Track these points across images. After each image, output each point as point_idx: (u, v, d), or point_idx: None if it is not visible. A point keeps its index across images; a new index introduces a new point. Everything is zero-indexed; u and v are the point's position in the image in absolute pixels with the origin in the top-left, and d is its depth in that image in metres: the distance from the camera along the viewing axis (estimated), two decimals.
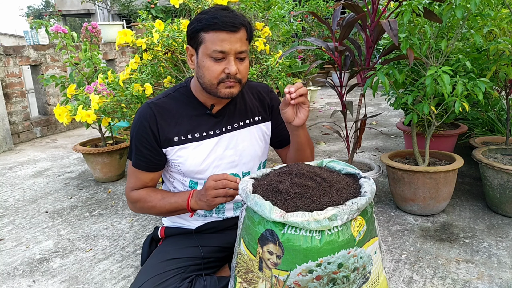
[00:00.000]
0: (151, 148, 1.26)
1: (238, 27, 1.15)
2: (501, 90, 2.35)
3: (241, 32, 1.17)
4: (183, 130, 1.27)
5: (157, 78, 2.28)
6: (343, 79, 2.07)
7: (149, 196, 1.29)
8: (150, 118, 1.25)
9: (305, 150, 1.35)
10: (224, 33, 1.14)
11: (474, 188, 2.42)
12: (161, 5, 8.16)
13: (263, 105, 1.42)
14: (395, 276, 1.58)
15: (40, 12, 26.59)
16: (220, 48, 1.14)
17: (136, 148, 1.28)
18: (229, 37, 1.14)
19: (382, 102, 5.70)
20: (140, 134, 1.26)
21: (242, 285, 1.04)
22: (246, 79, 1.26)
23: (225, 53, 1.15)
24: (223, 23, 1.13)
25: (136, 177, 1.31)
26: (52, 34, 2.73)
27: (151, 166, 1.29)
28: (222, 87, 1.20)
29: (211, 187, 1.13)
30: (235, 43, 1.15)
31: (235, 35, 1.15)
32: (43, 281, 1.68)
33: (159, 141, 1.26)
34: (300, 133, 1.30)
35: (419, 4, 1.69)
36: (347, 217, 0.92)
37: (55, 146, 4.10)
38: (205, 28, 1.15)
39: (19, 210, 2.45)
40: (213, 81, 1.19)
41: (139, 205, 1.31)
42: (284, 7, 2.96)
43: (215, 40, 1.14)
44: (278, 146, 1.49)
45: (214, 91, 1.21)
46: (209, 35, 1.15)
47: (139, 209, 1.34)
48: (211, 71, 1.17)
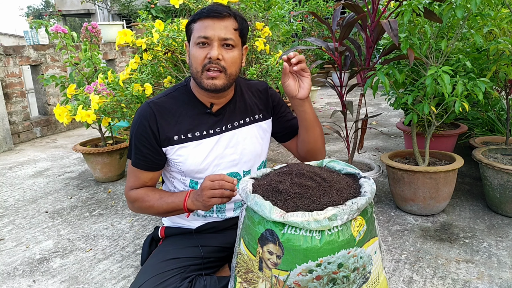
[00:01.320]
0: (151, 148, 1.26)
1: (223, 14, 1.18)
2: (501, 90, 2.35)
3: (227, 21, 1.19)
4: (183, 129, 1.27)
5: (157, 78, 2.28)
6: (343, 79, 2.07)
7: (147, 195, 1.28)
8: (150, 117, 1.25)
9: (314, 128, 1.35)
10: (209, 20, 1.18)
11: (474, 188, 2.42)
12: (161, 5, 8.16)
13: (263, 102, 1.42)
14: (395, 276, 1.58)
15: (40, 12, 26.59)
16: (203, 34, 1.17)
17: (136, 147, 1.27)
18: (212, 23, 1.17)
19: (382, 102, 5.70)
20: (140, 133, 1.26)
21: (242, 285, 1.04)
22: (234, 72, 1.23)
23: (208, 39, 1.17)
24: (208, 11, 1.18)
25: (135, 176, 1.30)
26: (52, 34, 2.73)
27: (150, 166, 1.29)
28: (205, 77, 1.20)
29: (207, 187, 1.12)
30: (219, 29, 1.17)
31: (219, 22, 1.18)
32: (43, 281, 1.68)
33: (159, 140, 1.26)
34: (307, 108, 1.31)
35: (419, 4, 1.69)
36: (347, 217, 0.92)
37: (55, 146, 4.10)
38: (194, 19, 1.20)
39: (19, 210, 2.45)
40: (198, 68, 1.20)
41: (137, 204, 1.30)
42: (284, 7, 2.96)
43: (200, 27, 1.18)
44: (286, 139, 1.48)
45: (199, 80, 1.21)
46: (196, 24, 1.20)
47: (137, 209, 1.33)
48: (196, 57, 1.19)
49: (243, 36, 1.25)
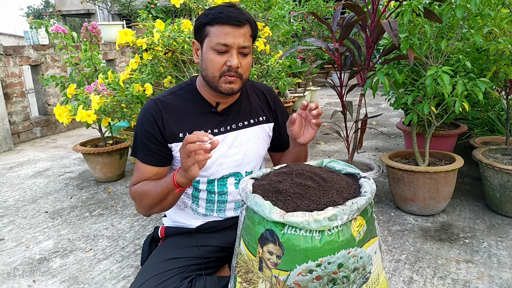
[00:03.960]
0: (158, 142, 1.26)
1: (242, 22, 1.18)
2: (501, 90, 2.35)
3: (245, 28, 1.19)
4: (188, 127, 1.27)
5: (157, 78, 2.28)
6: (343, 79, 2.08)
7: (144, 185, 1.26)
8: (155, 113, 1.25)
9: (301, 159, 1.42)
10: (229, 27, 1.17)
11: (474, 188, 2.42)
12: (161, 5, 8.16)
13: (268, 106, 1.44)
14: (395, 276, 1.58)
15: (40, 12, 26.59)
16: (224, 41, 1.17)
17: (143, 144, 1.27)
18: (233, 31, 1.17)
19: (382, 102, 5.70)
20: (146, 129, 1.25)
21: (242, 285, 1.04)
22: (248, 76, 1.27)
23: (228, 47, 1.17)
24: (228, 17, 1.16)
25: (140, 172, 1.29)
26: (52, 34, 2.73)
27: (159, 160, 1.28)
28: (223, 82, 1.21)
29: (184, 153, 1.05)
30: (239, 37, 1.18)
31: (239, 29, 1.18)
32: (43, 281, 1.68)
33: (165, 135, 1.26)
34: (303, 149, 1.37)
35: (419, 4, 1.69)
36: (347, 217, 0.92)
37: (55, 146, 4.10)
38: (211, 22, 1.18)
39: (19, 210, 2.45)
40: (215, 73, 1.20)
41: (138, 198, 1.27)
42: (284, 7, 2.96)
43: (219, 33, 1.17)
44: (275, 150, 1.52)
45: (216, 84, 1.22)
46: (214, 28, 1.18)
47: (139, 203, 1.28)
48: (214, 63, 1.19)
49: (254, 40, 1.28)
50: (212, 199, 1.36)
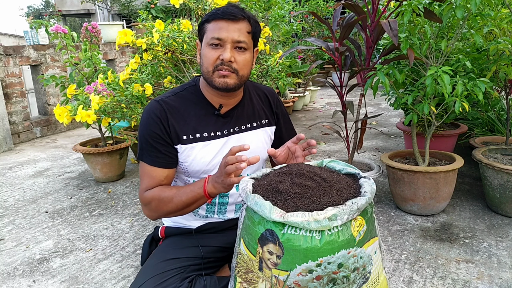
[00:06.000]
0: (165, 143, 1.24)
1: (238, 17, 1.18)
2: (501, 90, 2.35)
3: (241, 23, 1.19)
4: (191, 129, 1.26)
5: (157, 78, 2.28)
6: (343, 79, 2.07)
7: (163, 192, 1.22)
8: (160, 113, 1.24)
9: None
10: (223, 22, 1.18)
11: (474, 188, 2.42)
12: (161, 5, 8.15)
13: (270, 109, 1.43)
14: (395, 276, 1.58)
15: (40, 12, 26.57)
16: (217, 35, 1.17)
17: (150, 146, 1.24)
18: (227, 25, 1.18)
19: (382, 102, 5.70)
20: (152, 131, 1.23)
21: (242, 285, 1.04)
22: (246, 74, 1.24)
23: (222, 41, 1.17)
24: (223, 12, 1.18)
25: (150, 177, 1.25)
26: (52, 34, 2.73)
27: (168, 162, 1.26)
28: (217, 76, 1.20)
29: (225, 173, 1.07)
30: (233, 32, 1.18)
31: (234, 24, 1.18)
32: (43, 281, 1.68)
33: (171, 136, 1.25)
34: None
35: (419, 4, 1.69)
36: (347, 217, 0.92)
37: (55, 146, 4.10)
38: (208, 19, 1.20)
39: (19, 210, 2.45)
40: (209, 67, 1.20)
41: (154, 204, 1.23)
42: (284, 7, 2.96)
43: (214, 28, 1.18)
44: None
45: (210, 79, 1.21)
46: (210, 25, 1.20)
47: (154, 209, 1.24)
48: (208, 58, 1.19)
49: (255, 39, 1.26)
50: (213, 201, 1.35)
